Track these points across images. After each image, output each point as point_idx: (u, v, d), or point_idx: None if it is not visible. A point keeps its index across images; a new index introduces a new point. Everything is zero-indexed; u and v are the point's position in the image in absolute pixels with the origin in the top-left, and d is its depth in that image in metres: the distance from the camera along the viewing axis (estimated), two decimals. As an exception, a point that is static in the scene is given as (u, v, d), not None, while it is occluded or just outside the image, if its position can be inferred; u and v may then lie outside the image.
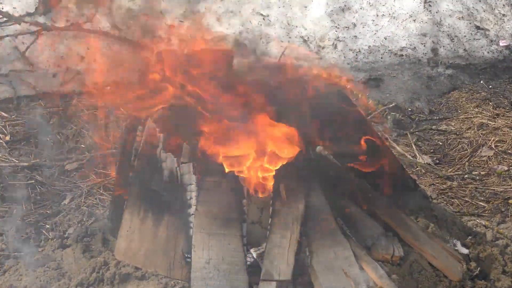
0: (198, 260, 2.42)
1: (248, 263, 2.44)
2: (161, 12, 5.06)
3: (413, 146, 4.26)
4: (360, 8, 5.75)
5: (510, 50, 5.71)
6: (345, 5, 5.73)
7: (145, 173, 2.67)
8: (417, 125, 4.63)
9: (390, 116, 4.60)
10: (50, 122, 4.15)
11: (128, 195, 2.72)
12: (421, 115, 4.79)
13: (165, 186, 2.61)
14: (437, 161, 4.14)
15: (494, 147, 4.24)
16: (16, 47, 4.70)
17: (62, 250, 2.90)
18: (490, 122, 4.58)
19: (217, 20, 5.24)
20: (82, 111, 4.23)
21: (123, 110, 3.98)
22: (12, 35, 4.72)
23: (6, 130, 4.03)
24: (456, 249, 2.79)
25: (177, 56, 2.79)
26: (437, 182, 3.84)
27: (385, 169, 2.81)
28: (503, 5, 6.06)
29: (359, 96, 4.78)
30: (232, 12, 5.38)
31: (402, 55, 5.48)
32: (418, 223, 2.84)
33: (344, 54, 5.38)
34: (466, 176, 3.93)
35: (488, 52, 5.66)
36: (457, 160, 4.16)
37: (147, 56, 2.86)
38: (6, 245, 3.01)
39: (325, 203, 2.59)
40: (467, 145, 4.30)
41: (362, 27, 5.61)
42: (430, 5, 5.90)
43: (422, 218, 2.90)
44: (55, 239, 3.00)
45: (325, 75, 2.86)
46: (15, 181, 3.54)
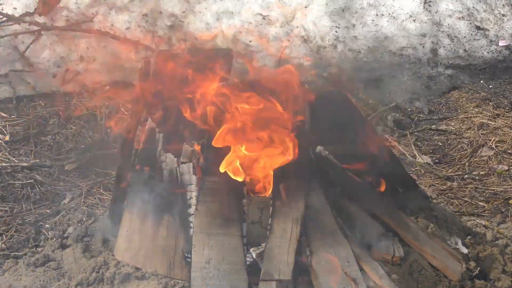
0: (198, 260, 2.42)
1: (248, 263, 2.44)
2: (161, 12, 5.07)
3: (412, 146, 4.26)
4: (360, 8, 5.75)
5: (510, 50, 5.71)
6: (345, 5, 5.73)
7: (145, 173, 2.67)
8: (417, 125, 4.63)
9: (391, 117, 4.59)
10: (50, 122, 4.15)
11: (128, 195, 2.72)
12: (421, 115, 4.79)
13: (165, 186, 2.61)
14: (437, 161, 4.14)
15: (494, 147, 4.24)
16: (16, 47, 4.70)
17: (62, 250, 2.89)
18: (490, 122, 4.58)
19: (217, 20, 5.24)
20: (82, 111, 4.22)
21: (123, 110, 3.99)
22: (12, 35, 4.73)
23: (6, 130, 4.03)
24: (457, 248, 2.79)
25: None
26: (437, 183, 3.84)
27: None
28: (503, 5, 6.05)
29: (359, 96, 4.79)
30: (232, 13, 5.38)
31: (402, 55, 5.48)
32: (418, 223, 2.84)
33: (344, 54, 5.38)
34: (466, 176, 3.93)
35: (488, 52, 5.66)
36: (457, 160, 4.15)
37: (147, 56, 2.86)
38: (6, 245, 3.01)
39: (325, 203, 2.59)
40: (467, 145, 4.30)
41: (362, 27, 5.60)
42: (430, 5, 5.89)
43: (422, 218, 2.90)
44: (55, 239, 3.00)
45: (325, 75, 2.86)
46: (15, 181, 3.54)
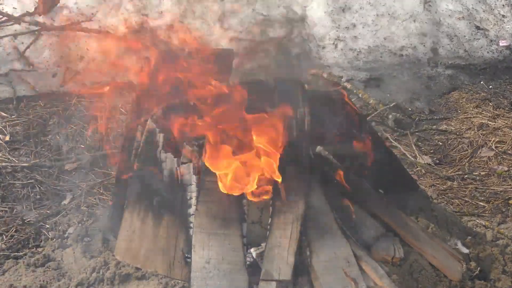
0: (198, 260, 2.42)
1: (248, 263, 2.44)
2: (161, 12, 5.07)
3: (413, 146, 4.25)
4: (360, 8, 5.75)
5: (510, 50, 5.71)
6: (345, 5, 5.73)
7: (145, 173, 2.67)
8: (417, 125, 4.63)
9: (391, 116, 4.59)
10: (50, 122, 4.15)
11: (128, 195, 2.72)
12: (421, 115, 4.79)
13: (165, 186, 2.61)
14: (437, 162, 4.13)
15: (494, 148, 4.24)
16: (16, 47, 4.71)
17: (62, 250, 2.90)
18: (490, 123, 4.57)
19: (218, 20, 5.24)
20: (82, 111, 4.22)
21: (123, 110, 3.99)
22: (12, 35, 4.73)
23: (6, 130, 4.03)
24: (457, 248, 2.79)
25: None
26: (438, 183, 3.84)
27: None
28: (503, 6, 6.05)
29: (359, 96, 4.79)
30: (233, 12, 5.38)
31: (402, 55, 5.48)
32: (419, 223, 2.84)
33: (344, 54, 5.38)
34: (466, 177, 3.93)
35: (488, 52, 5.65)
36: (457, 161, 4.15)
37: (147, 56, 2.86)
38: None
39: (325, 203, 2.59)
40: (467, 146, 4.30)
41: (362, 27, 5.61)
42: (430, 5, 5.89)
43: (423, 218, 2.90)
44: (55, 239, 3.00)
45: (325, 75, 2.85)
46: (15, 181, 3.54)
